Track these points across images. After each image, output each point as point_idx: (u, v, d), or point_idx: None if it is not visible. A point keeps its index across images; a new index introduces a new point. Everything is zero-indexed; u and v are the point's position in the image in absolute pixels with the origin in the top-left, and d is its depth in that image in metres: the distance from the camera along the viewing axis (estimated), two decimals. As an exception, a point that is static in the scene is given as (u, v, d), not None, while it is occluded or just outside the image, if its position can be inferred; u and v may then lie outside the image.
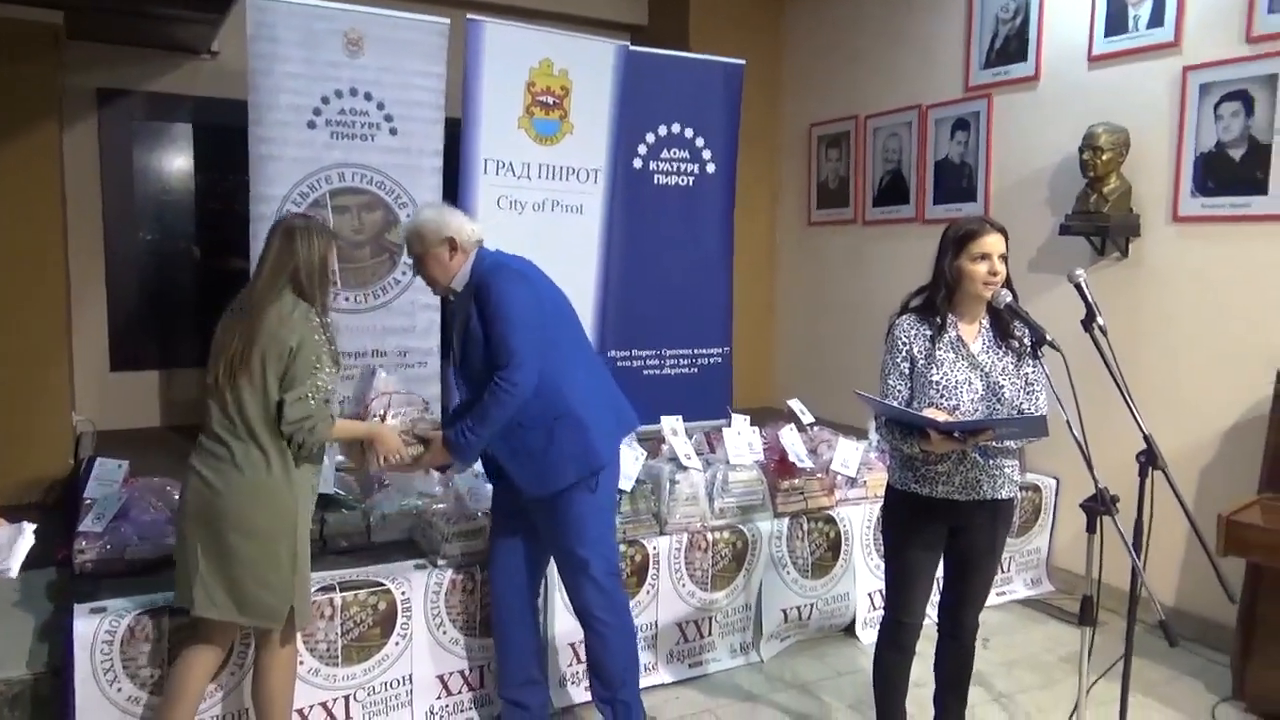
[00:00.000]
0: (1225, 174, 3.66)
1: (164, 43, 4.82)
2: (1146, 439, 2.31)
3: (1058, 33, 4.28)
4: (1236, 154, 3.62)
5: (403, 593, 2.85)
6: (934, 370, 2.42)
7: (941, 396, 2.40)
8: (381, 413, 2.60)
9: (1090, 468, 2.21)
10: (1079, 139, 3.95)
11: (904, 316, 2.54)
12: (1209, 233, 3.72)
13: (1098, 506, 2.20)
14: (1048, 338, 2.34)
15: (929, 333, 2.47)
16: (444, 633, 2.93)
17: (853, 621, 3.74)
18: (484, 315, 2.53)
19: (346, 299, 4.08)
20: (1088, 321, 2.39)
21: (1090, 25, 4.11)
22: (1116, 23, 4.02)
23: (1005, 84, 4.53)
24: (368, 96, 4.06)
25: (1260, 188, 3.54)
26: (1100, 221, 3.92)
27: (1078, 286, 2.41)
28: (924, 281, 2.54)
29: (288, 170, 3.94)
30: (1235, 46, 3.60)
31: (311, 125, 3.96)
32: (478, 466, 2.91)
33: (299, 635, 2.55)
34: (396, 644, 2.85)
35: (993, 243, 2.40)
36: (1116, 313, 3.52)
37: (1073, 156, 4.05)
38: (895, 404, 2.43)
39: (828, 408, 4.80)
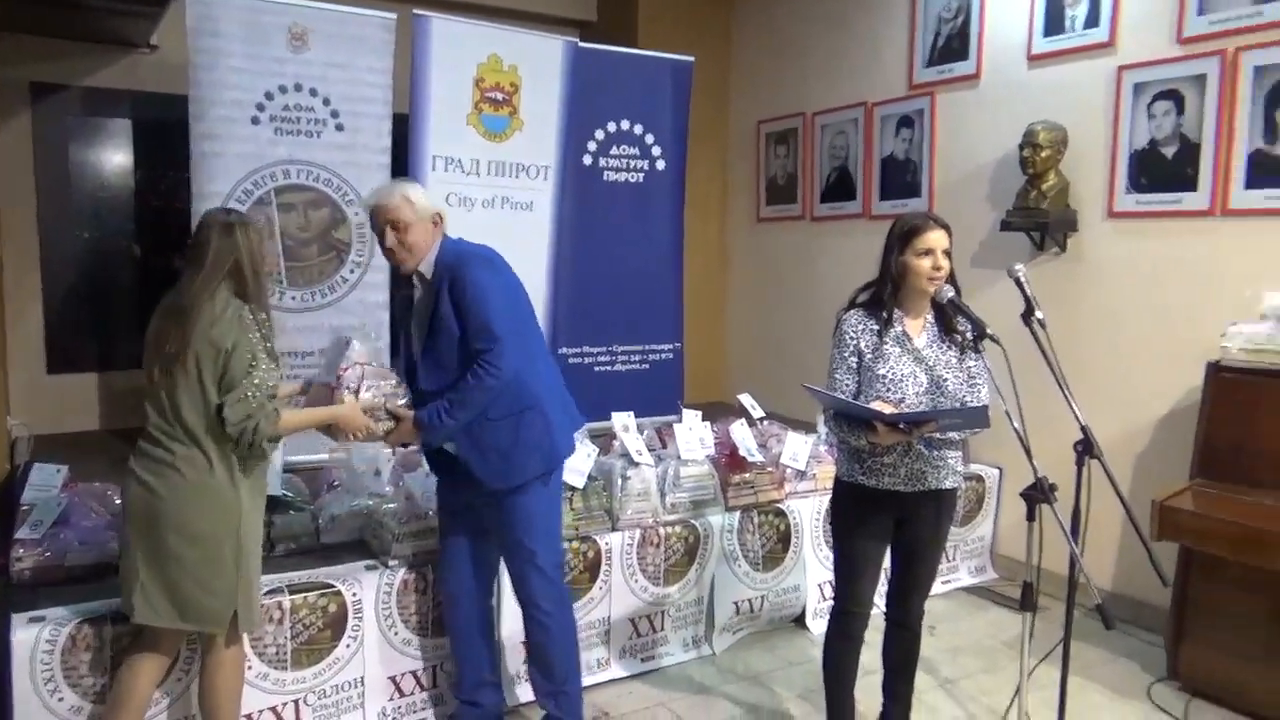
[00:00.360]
0: (1158, 171, 3.77)
1: (101, 36, 4.70)
2: (1083, 429, 2.38)
3: (998, 32, 4.38)
4: (1169, 151, 3.73)
5: (353, 594, 2.83)
6: (880, 364, 2.47)
7: (887, 390, 2.45)
8: (354, 385, 2.53)
9: (1029, 457, 2.27)
10: (1019, 136, 4.05)
11: (851, 311, 2.58)
12: (1143, 228, 3.83)
13: (1037, 495, 2.27)
14: (988, 331, 2.40)
15: (876, 327, 2.51)
16: (396, 633, 2.92)
17: (803, 612, 3.80)
18: (460, 302, 2.51)
19: (294, 298, 4.03)
20: (1027, 315, 2.45)
21: (1029, 25, 4.21)
22: (1054, 23, 4.11)
23: (948, 82, 4.62)
24: (313, 92, 4.00)
25: (1190, 184, 3.66)
26: (1040, 217, 4.01)
27: (1017, 281, 2.48)
28: (871, 277, 2.59)
29: (231, 167, 3.87)
30: (1167, 47, 3.71)
31: (255, 121, 3.89)
32: (426, 465, 2.91)
33: (246, 638, 2.52)
34: (347, 646, 2.83)
35: (936, 238, 2.45)
36: (1055, 306, 3.61)
37: (1013, 153, 4.14)
38: (843, 397, 2.47)
39: (778, 402, 4.85)
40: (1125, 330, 3.90)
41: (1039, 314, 2.45)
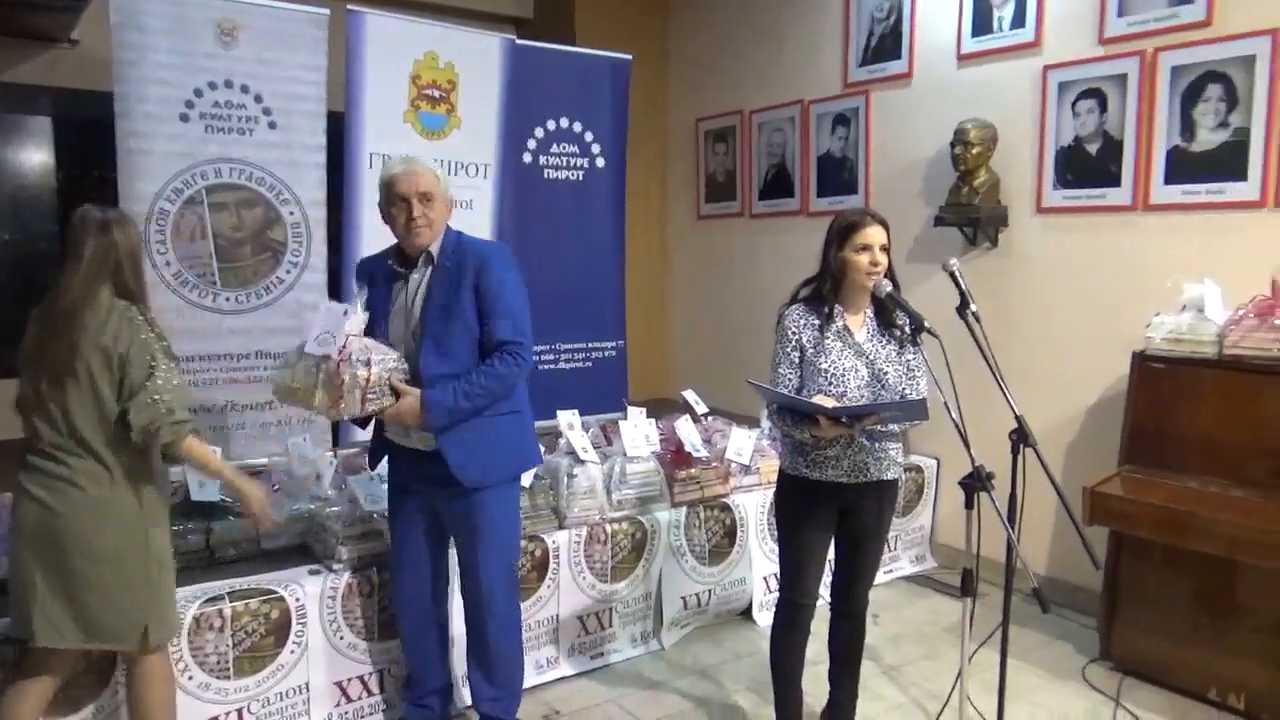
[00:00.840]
0: (1083, 167, 3.89)
1: (19, 30, 4.52)
2: (1018, 419, 2.45)
3: (928, 32, 4.47)
4: (1093, 148, 3.86)
5: (297, 599, 2.78)
6: (822, 358, 2.51)
7: (830, 383, 2.49)
8: (365, 358, 2.43)
9: (967, 447, 2.33)
10: (951, 134, 4.14)
11: (793, 306, 2.62)
12: (1070, 223, 3.96)
13: (975, 483, 2.33)
14: (926, 325, 2.45)
15: (817, 322, 2.55)
16: (341, 638, 2.87)
17: (749, 605, 3.84)
18: (489, 292, 2.53)
19: (228, 299, 3.93)
20: (961, 308, 2.51)
21: (958, 25, 4.31)
22: (982, 23, 4.22)
23: (882, 81, 4.70)
24: (244, 89, 3.90)
25: (1114, 180, 3.78)
26: (972, 213, 4.12)
27: (952, 275, 2.54)
28: (811, 272, 2.63)
29: (160, 165, 3.76)
30: (1090, 47, 3.84)
31: (184, 118, 3.79)
32: (383, 468, 2.86)
33: (171, 645, 2.46)
34: (291, 652, 2.78)
35: (874, 234, 2.49)
36: (987, 299, 3.70)
37: (945, 151, 4.24)
38: (785, 392, 2.50)
39: (722, 398, 4.90)
40: (1054, 322, 4.01)
41: (973, 307, 2.51)
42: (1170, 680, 3.23)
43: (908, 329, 2.56)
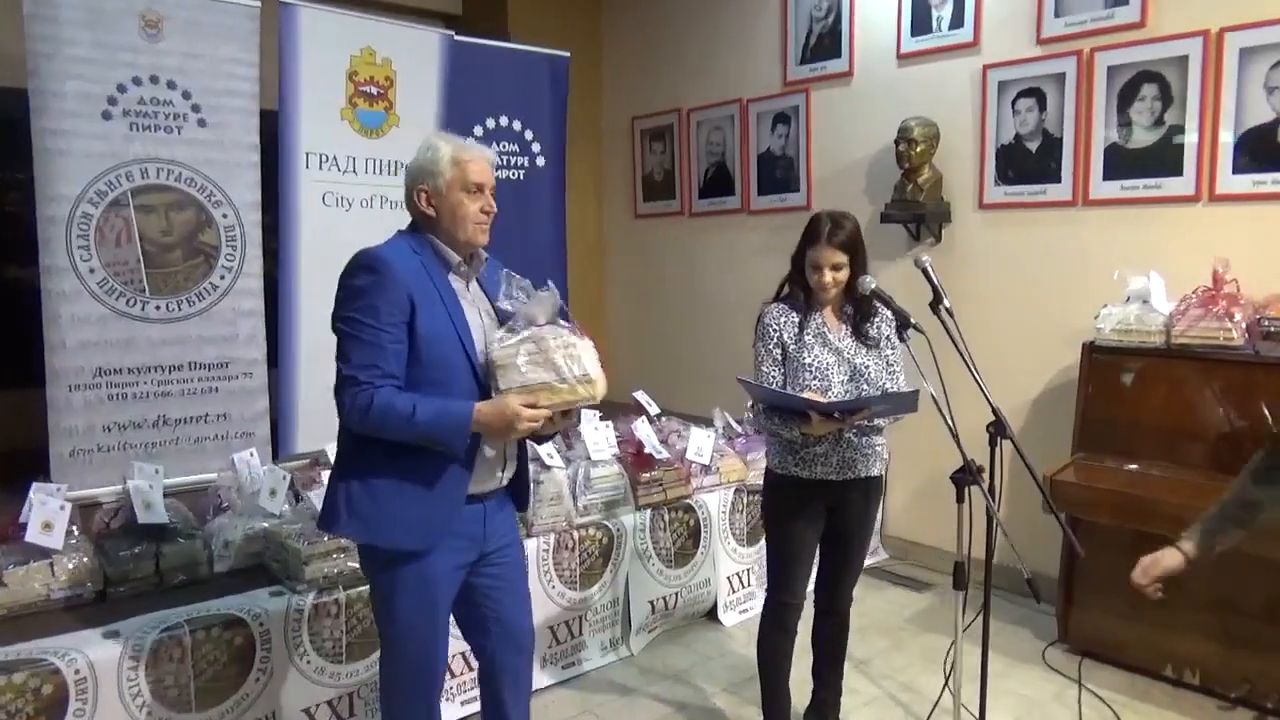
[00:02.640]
0: (1024, 164, 4.00)
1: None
2: (995, 411, 2.48)
3: (868, 31, 4.53)
4: (1033, 146, 3.96)
5: (260, 624, 2.62)
6: (805, 354, 2.50)
7: (814, 378, 2.48)
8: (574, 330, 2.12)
9: (957, 441, 2.35)
10: (893, 131, 4.20)
11: (772, 305, 2.61)
12: (1012, 218, 4.06)
13: (966, 478, 2.35)
14: (912, 321, 2.46)
15: (797, 319, 2.54)
16: (308, 662, 2.72)
17: (714, 606, 3.81)
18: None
19: (157, 307, 3.71)
20: (935, 303, 2.53)
21: (898, 25, 4.38)
22: (921, 23, 4.29)
23: (822, 79, 4.74)
24: (171, 85, 3.69)
25: (1054, 177, 3.90)
26: (917, 210, 4.18)
27: (924, 271, 2.56)
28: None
29: (80, 166, 3.51)
30: (1027, 47, 3.94)
31: (107, 116, 3.55)
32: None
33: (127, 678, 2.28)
34: (256, 680, 2.62)
35: (824, 256, 2.48)
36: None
37: (887, 149, 4.30)
38: (774, 388, 2.48)
39: (668, 398, 4.86)
40: (999, 316, 4.11)
41: (946, 302, 2.54)
42: (1127, 660, 3.34)
43: (885, 328, 2.57)
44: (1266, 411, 3.04)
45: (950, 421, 2.36)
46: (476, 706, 2.59)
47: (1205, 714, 3.07)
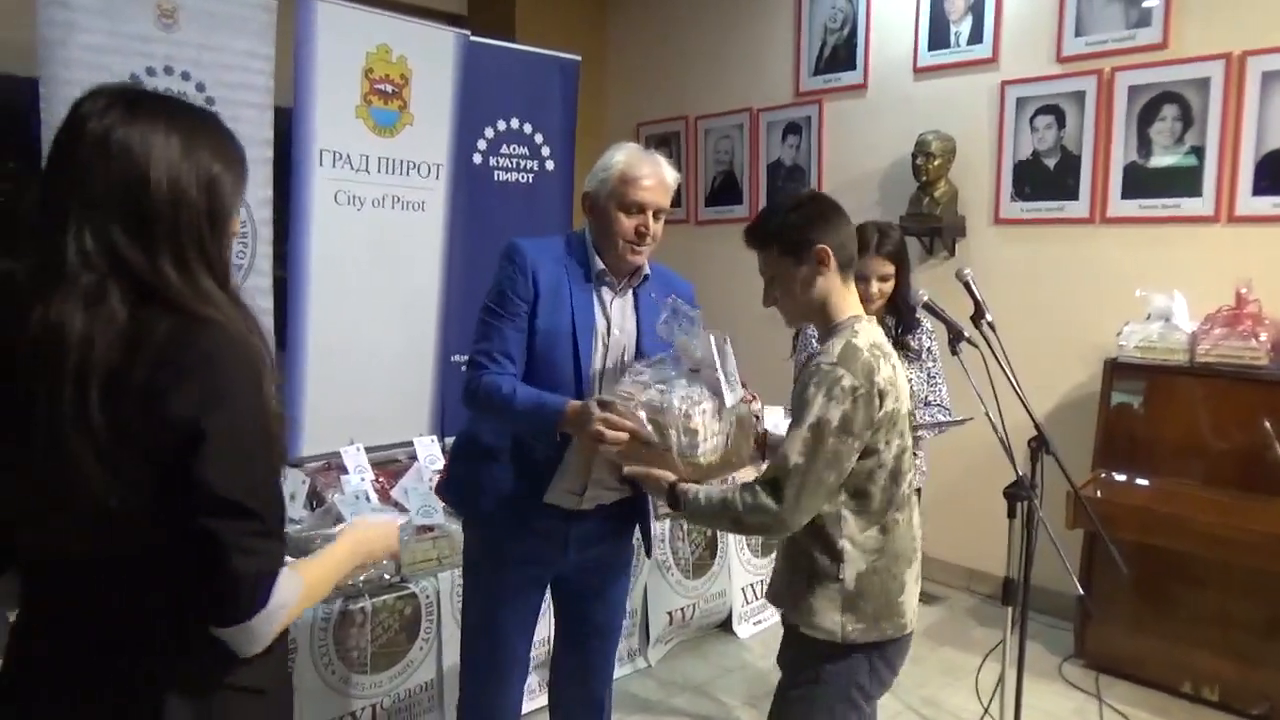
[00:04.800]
0: (1041, 181, 4.02)
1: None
2: (1037, 426, 2.50)
3: (884, 44, 4.54)
4: (1050, 163, 3.99)
5: (287, 633, 2.54)
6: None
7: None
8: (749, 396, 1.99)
9: (1011, 458, 2.35)
10: (907, 145, 4.21)
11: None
12: (1028, 234, 4.08)
13: (1020, 493, 2.34)
14: (965, 334, 2.46)
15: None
16: (334, 672, 2.65)
17: (729, 617, 3.78)
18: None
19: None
20: (976, 317, 2.54)
21: (914, 39, 4.39)
22: (939, 38, 4.31)
23: (835, 91, 4.75)
24: (185, 76, 3.59)
25: (1072, 194, 3.92)
26: (933, 223, 4.19)
27: (966, 285, 2.57)
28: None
29: (91, 158, 3.41)
30: (1047, 65, 3.97)
31: (119, 106, 3.45)
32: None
33: None
34: (282, 691, 2.54)
35: (873, 267, 2.48)
36: (946, 308, 3.77)
37: (901, 162, 4.31)
38: None
39: (676, 406, 4.82)
40: (1013, 331, 4.05)
41: (988, 316, 2.55)
42: (1144, 676, 3.36)
43: (930, 338, 2.56)
44: (1269, 428, 3.08)
45: (1005, 437, 2.35)
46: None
47: (1225, 731, 3.10)
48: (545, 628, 2.57)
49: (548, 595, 2.34)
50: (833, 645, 1.80)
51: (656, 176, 2.09)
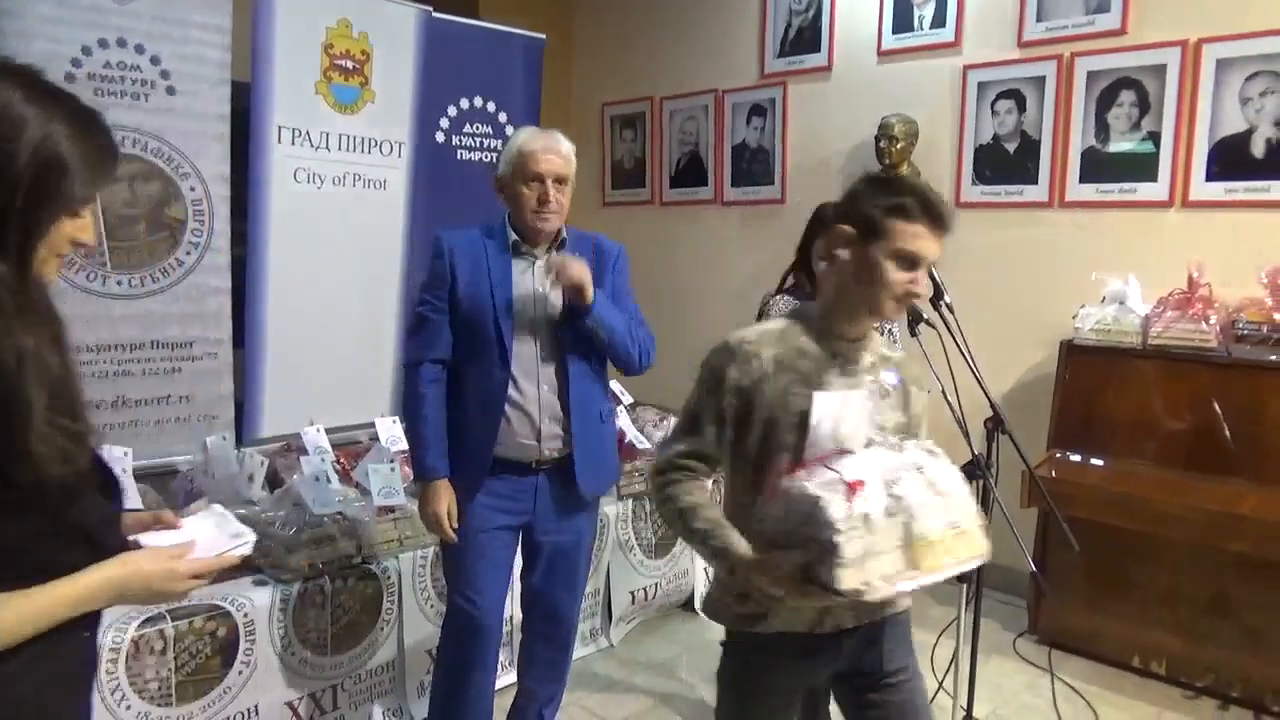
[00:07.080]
0: (1001, 164, 4.06)
1: None
2: (993, 406, 2.53)
3: (848, 27, 4.55)
4: (1011, 147, 4.03)
5: (244, 614, 2.53)
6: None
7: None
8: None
9: (966, 437, 2.38)
10: (871, 127, 4.23)
11: (778, 296, 2.61)
12: (987, 218, 4.12)
13: (976, 471, 2.38)
14: (924, 316, 2.48)
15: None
16: (293, 654, 2.64)
17: (691, 597, 3.81)
18: (621, 286, 2.52)
19: (119, 282, 3.53)
20: (935, 299, 2.56)
21: (879, 22, 4.40)
22: (902, 21, 4.33)
23: (800, 73, 4.75)
24: (139, 49, 3.51)
25: (1032, 178, 3.97)
26: (895, 206, 4.21)
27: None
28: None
29: (41, 131, 3.33)
30: (1008, 50, 4.00)
31: (70, 79, 3.36)
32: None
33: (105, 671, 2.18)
34: (240, 673, 2.52)
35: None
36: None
37: (865, 144, 4.32)
38: None
39: (640, 388, 4.82)
40: (970, 312, 4.11)
41: (947, 298, 2.57)
42: (1095, 650, 3.44)
43: (889, 321, 2.58)
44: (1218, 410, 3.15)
45: (961, 417, 2.38)
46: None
47: (1172, 703, 3.18)
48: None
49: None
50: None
51: (552, 149, 2.34)
